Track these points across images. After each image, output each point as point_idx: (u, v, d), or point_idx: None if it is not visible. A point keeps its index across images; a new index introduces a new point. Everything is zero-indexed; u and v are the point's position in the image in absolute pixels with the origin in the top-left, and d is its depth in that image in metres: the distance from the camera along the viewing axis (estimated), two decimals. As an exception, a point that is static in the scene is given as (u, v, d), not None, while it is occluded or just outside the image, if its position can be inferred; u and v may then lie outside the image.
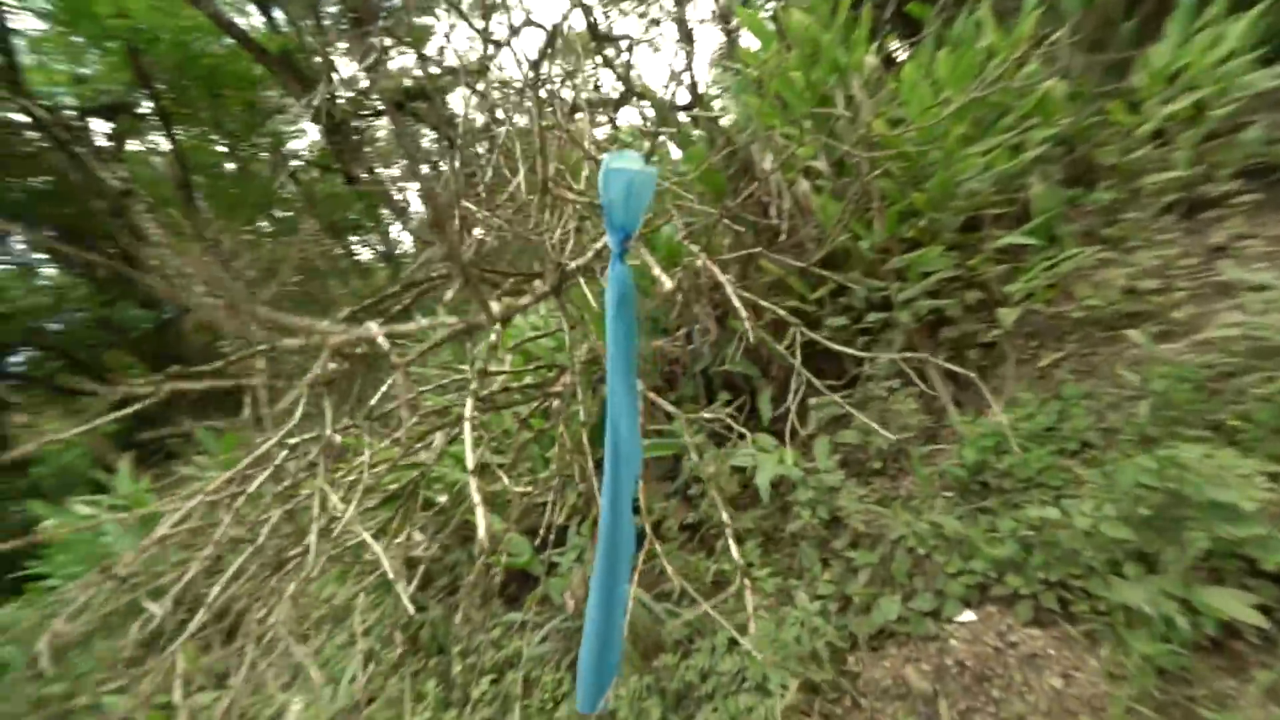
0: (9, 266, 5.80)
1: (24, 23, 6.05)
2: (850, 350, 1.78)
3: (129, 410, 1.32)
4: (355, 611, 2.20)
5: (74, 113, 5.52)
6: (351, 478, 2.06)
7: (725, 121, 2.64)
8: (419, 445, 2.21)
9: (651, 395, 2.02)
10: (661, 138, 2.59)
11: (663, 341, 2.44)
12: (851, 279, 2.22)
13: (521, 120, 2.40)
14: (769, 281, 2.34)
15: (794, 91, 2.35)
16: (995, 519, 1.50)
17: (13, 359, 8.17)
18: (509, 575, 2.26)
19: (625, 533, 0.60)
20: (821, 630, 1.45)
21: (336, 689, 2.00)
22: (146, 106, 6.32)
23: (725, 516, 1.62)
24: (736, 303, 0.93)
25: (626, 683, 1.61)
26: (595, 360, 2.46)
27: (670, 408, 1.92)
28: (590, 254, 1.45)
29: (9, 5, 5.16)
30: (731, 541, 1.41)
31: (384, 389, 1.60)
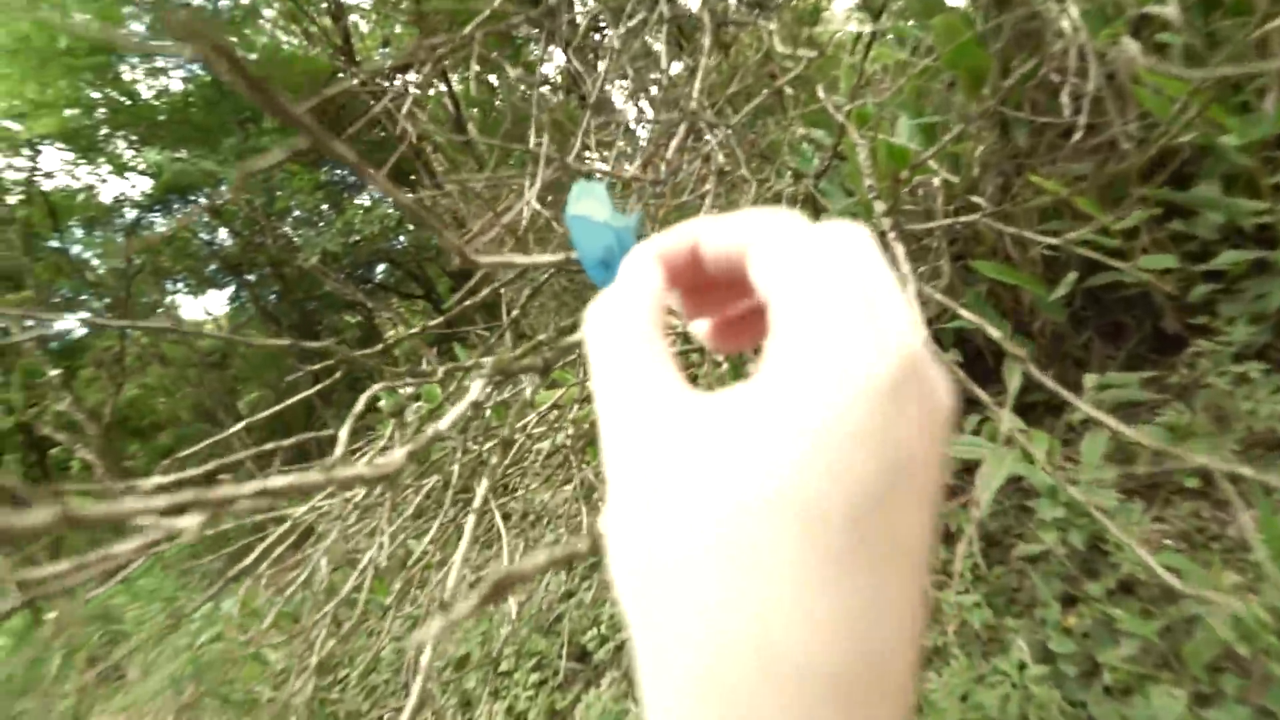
0: (360, 204, 7.86)
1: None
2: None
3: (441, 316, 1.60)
4: (562, 517, 2.52)
5: (387, 71, 6.85)
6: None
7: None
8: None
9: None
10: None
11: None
12: (1196, 197, 1.43)
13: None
14: (1045, 204, 1.66)
15: (1135, -112, 1.48)
16: None
17: (378, 269, 11.24)
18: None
19: None
20: (1044, 702, 1.11)
21: (544, 579, 2.36)
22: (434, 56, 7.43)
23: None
24: (914, 305, 0.61)
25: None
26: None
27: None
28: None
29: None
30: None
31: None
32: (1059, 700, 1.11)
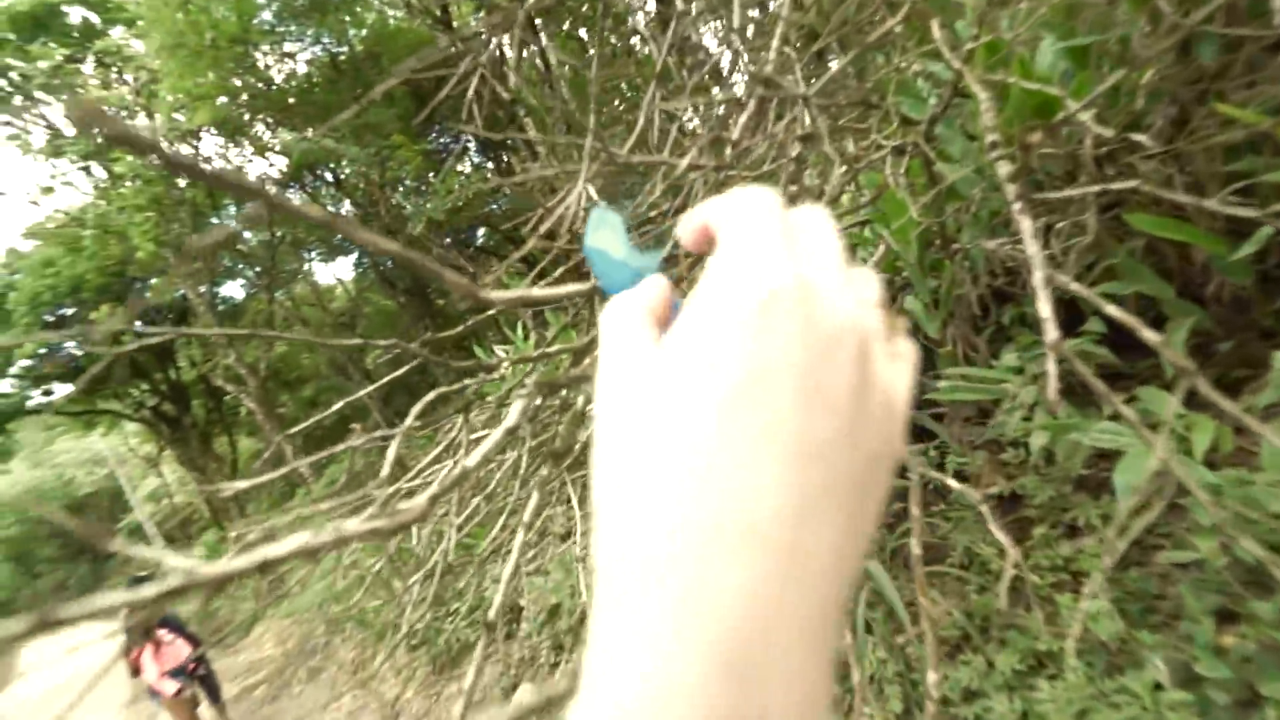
0: (462, 170, 8.22)
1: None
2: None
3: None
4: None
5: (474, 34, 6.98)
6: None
7: None
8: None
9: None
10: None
11: (996, 242, 1.74)
12: None
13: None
14: (1235, 140, 1.33)
15: None
16: None
17: (478, 234, 11.82)
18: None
19: None
20: (1183, 731, 0.97)
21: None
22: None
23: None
24: (1042, 294, 0.47)
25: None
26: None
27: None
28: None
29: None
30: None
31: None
32: (1205, 732, 0.96)
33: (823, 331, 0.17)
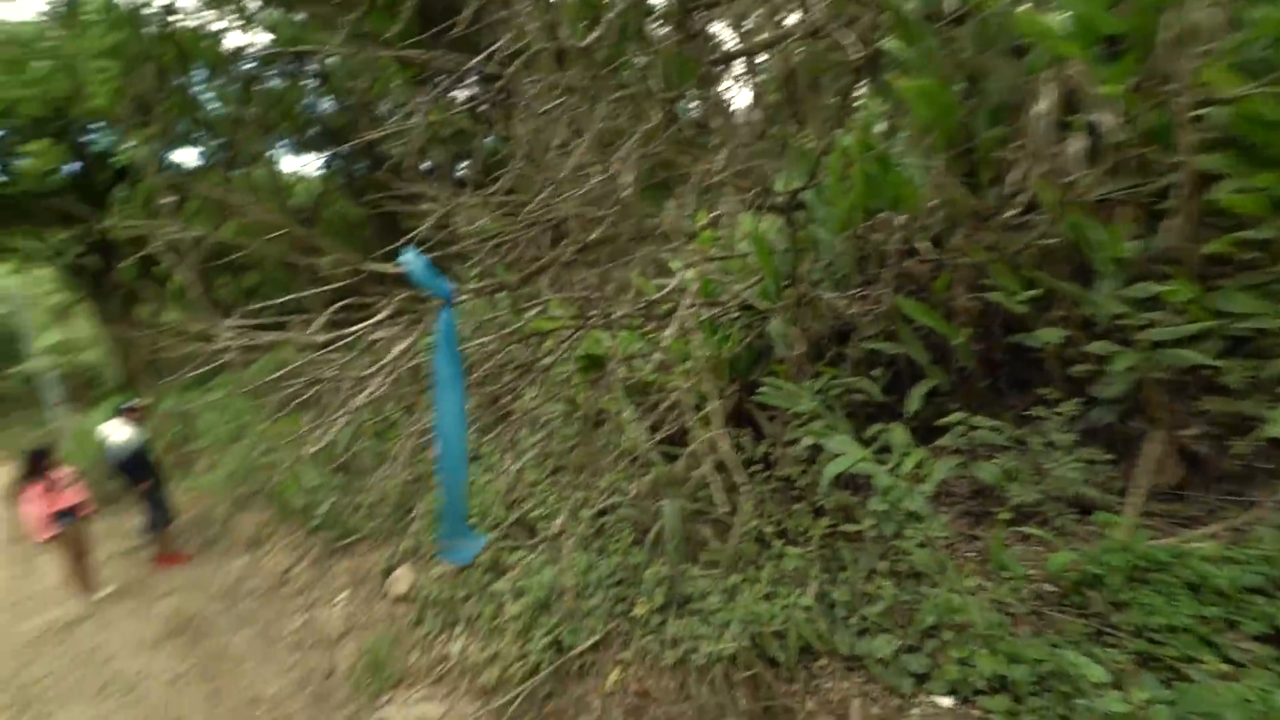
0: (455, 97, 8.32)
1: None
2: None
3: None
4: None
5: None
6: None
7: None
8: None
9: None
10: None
11: (834, 294, 2.26)
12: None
13: None
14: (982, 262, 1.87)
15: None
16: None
17: (460, 166, 11.71)
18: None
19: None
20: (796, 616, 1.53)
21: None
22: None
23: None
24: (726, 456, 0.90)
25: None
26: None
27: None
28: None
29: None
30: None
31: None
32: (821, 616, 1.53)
33: None
